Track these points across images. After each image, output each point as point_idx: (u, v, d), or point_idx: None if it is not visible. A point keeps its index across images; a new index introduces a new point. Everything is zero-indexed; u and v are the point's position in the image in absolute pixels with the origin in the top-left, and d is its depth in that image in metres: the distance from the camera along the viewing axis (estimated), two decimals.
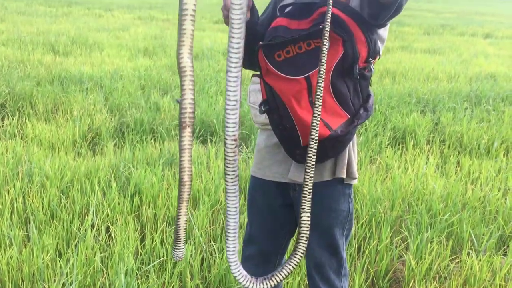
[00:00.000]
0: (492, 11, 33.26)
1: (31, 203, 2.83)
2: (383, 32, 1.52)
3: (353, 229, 1.79)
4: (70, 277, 2.20)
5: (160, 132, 4.31)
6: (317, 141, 1.25)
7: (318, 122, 1.22)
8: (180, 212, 1.07)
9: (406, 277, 2.41)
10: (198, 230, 2.66)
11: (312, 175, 1.25)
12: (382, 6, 1.32)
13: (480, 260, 2.50)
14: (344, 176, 1.59)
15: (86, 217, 2.72)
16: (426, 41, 12.05)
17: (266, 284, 1.23)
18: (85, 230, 2.59)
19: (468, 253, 2.60)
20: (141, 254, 2.47)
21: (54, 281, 2.21)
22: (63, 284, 2.19)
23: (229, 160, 1.09)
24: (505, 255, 2.68)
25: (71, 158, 3.63)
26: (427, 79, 7.03)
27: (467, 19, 22.38)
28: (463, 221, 2.82)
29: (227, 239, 1.18)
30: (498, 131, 4.48)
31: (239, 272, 1.20)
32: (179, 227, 1.10)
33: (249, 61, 1.53)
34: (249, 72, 1.65)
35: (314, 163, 1.25)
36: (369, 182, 3.24)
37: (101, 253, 2.43)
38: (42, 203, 2.83)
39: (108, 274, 2.28)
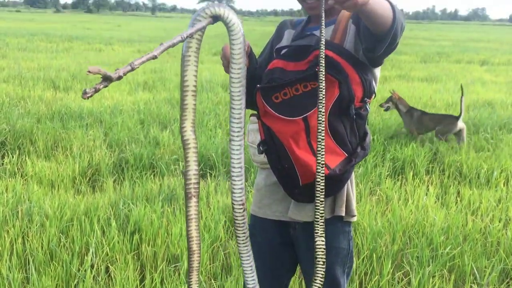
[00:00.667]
0: (486, 37, 33.77)
1: (31, 243, 2.81)
2: (377, 71, 1.56)
3: (353, 266, 1.78)
4: None
5: (160, 167, 4.32)
6: (323, 168, 1.24)
7: (323, 155, 1.23)
8: (191, 281, 1.08)
9: None
10: None
11: (322, 199, 1.26)
12: (377, 38, 1.35)
13: None
14: (343, 214, 1.60)
15: (86, 257, 2.70)
16: (423, 69, 12.20)
17: None
18: (85, 270, 2.57)
19: (471, 287, 2.57)
20: None
21: None
22: None
23: (238, 223, 1.13)
24: None
25: (71, 196, 3.63)
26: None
27: (462, 46, 22.69)
28: (464, 254, 2.81)
29: (246, 279, 1.20)
30: (497, 160, 4.50)
31: None
32: None
33: (247, 102, 1.57)
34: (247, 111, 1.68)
35: (323, 187, 1.25)
36: (369, 215, 3.23)
37: None
38: (42, 243, 2.82)
39: None
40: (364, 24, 1.35)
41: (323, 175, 1.23)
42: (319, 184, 1.23)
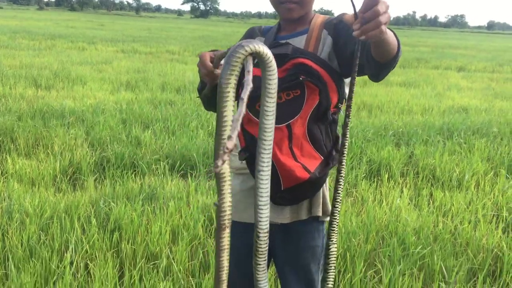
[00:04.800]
0: (464, 44, 34.42)
1: (10, 241, 2.84)
2: (347, 79, 1.64)
3: None
4: None
5: (141, 167, 4.36)
6: (343, 178, 1.34)
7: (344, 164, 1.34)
8: None
9: None
10: (176, 266, 2.71)
11: (339, 210, 1.35)
12: (383, 66, 1.37)
13: None
14: (320, 214, 1.66)
15: (65, 254, 2.74)
16: (401, 74, 12.42)
17: None
18: (64, 267, 2.61)
19: (439, 285, 2.69)
20: None
21: None
22: None
23: (262, 251, 1.17)
24: (474, 286, 2.78)
25: (51, 194, 3.66)
26: (402, 112, 7.26)
27: (440, 52, 23.12)
28: (434, 253, 2.92)
29: None
30: (469, 164, 4.65)
31: None
32: None
33: (214, 106, 1.65)
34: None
35: (341, 198, 1.35)
36: (344, 216, 3.33)
37: None
38: (21, 241, 2.85)
39: None
40: (368, 51, 1.36)
41: (342, 186, 1.33)
42: (338, 195, 1.32)
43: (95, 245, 2.86)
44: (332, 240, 1.40)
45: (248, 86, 0.94)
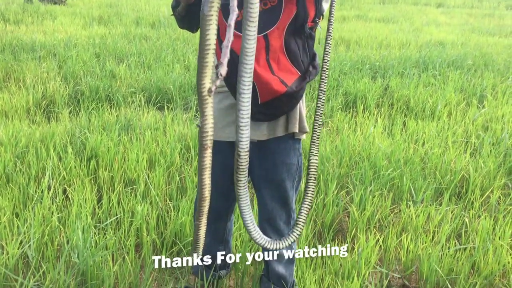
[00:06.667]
0: None
1: None
2: None
3: (302, 182, 1.92)
4: (28, 236, 2.27)
5: (116, 99, 4.32)
6: (326, 90, 1.36)
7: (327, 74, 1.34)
8: (200, 224, 1.18)
9: (350, 227, 2.60)
10: (154, 190, 2.76)
11: (321, 123, 1.38)
12: None
13: (417, 209, 2.72)
14: (297, 130, 1.69)
15: (43, 180, 2.76)
16: (381, 10, 12.28)
17: (284, 242, 1.37)
18: (42, 192, 2.64)
19: (407, 204, 2.81)
20: (98, 214, 2.56)
21: (12, 239, 2.27)
22: (21, 242, 2.26)
23: (242, 168, 1.19)
24: (440, 205, 2.91)
25: (26, 125, 3.62)
26: (380, 47, 7.24)
27: None
28: (403, 175, 3.03)
29: (244, 217, 1.28)
30: (442, 95, 4.73)
31: (259, 236, 1.32)
32: (199, 237, 1.22)
33: (191, 22, 1.62)
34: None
35: (322, 111, 1.37)
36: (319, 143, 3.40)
37: (58, 214, 2.49)
38: None
39: (66, 232, 2.36)
40: None
41: (323, 103, 1.35)
42: (319, 109, 1.35)
43: (72, 172, 2.88)
44: (312, 152, 1.45)
45: (234, 12, 0.94)
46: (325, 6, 1.62)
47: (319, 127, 1.50)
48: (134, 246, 2.29)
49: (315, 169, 1.49)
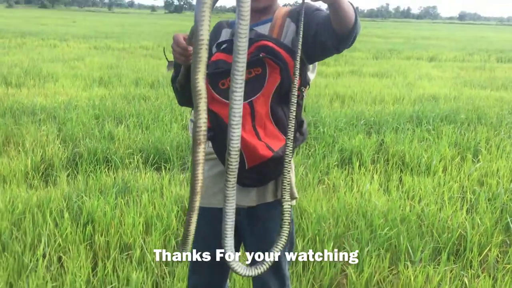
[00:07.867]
0: (436, 35, 35.00)
1: None
2: (311, 65, 1.70)
3: (294, 248, 1.92)
4: None
5: (114, 161, 4.36)
6: (292, 143, 1.38)
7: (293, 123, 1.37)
8: (191, 220, 1.19)
9: None
10: (150, 255, 2.74)
11: (289, 169, 1.38)
12: (342, 37, 1.43)
13: (415, 270, 2.70)
14: None
15: (38, 248, 2.75)
16: (374, 65, 12.61)
17: (258, 269, 1.34)
18: (37, 260, 2.62)
19: (405, 264, 2.79)
20: (92, 282, 2.53)
21: None
22: None
23: (232, 168, 1.21)
24: (439, 264, 2.89)
25: (23, 190, 3.64)
26: (374, 102, 7.39)
27: (413, 43, 23.50)
28: (400, 234, 3.02)
29: (225, 238, 1.26)
30: (436, 149, 4.79)
31: (237, 265, 1.29)
32: (189, 233, 1.22)
33: (188, 98, 1.68)
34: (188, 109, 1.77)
35: (291, 159, 1.38)
36: (315, 202, 3.41)
37: (52, 283, 2.47)
38: None
39: None
40: (328, 24, 1.43)
41: (292, 150, 1.37)
42: (287, 156, 1.36)
43: (68, 238, 2.88)
44: (284, 198, 1.41)
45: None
46: (311, 76, 1.69)
47: (288, 172, 1.48)
48: None
49: (289, 214, 1.47)
